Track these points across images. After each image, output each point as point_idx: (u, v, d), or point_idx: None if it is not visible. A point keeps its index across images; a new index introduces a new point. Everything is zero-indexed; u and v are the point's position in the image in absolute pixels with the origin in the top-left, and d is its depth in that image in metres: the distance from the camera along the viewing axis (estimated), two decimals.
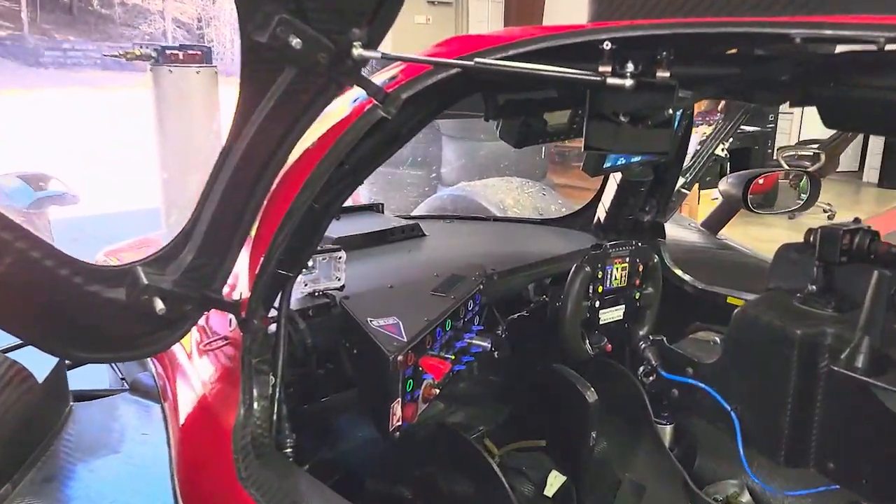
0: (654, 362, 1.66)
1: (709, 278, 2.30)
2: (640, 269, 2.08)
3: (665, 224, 2.35)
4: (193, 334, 1.68)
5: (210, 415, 1.47)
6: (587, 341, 2.01)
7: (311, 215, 1.33)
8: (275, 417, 1.38)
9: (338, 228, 2.17)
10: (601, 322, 2.05)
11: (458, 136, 5.99)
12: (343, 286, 1.68)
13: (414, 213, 2.73)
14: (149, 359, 1.86)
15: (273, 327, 1.41)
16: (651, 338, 1.66)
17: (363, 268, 1.97)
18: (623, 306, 2.08)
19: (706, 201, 7.26)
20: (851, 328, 1.29)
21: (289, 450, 1.41)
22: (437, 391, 1.62)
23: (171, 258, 1.31)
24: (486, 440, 2.12)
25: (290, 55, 1.10)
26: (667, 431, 2.21)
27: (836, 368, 1.26)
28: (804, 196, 2.56)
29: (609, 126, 1.28)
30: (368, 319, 1.55)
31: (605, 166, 1.76)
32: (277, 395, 1.41)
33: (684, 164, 2.24)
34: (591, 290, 1.98)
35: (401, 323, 1.55)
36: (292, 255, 1.40)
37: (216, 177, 1.27)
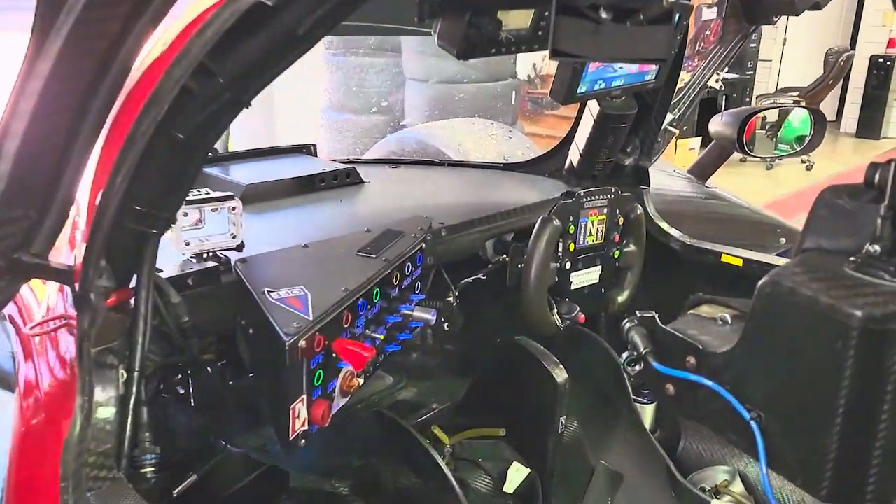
0: (642, 348, 1.25)
1: (698, 234, 1.96)
2: (620, 223, 1.72)
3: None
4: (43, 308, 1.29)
5: (46, 422, 1.09)
6: (556, 310, 1.65)
7: (169, 145, 0.95)
8: (129, 428, 1.01)
9: (252, 173, 1.78)
10: (573, 287, 1.69)
11: (422, 77, 5.53)
12: (241, 245, 1.29)
13: (354, 158, 2.32)
14: (12, 334, 1.47)
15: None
16: (638, 314, 1.27)
17: (277, 222, 1.59)
18: (599, 268, 1.72)
19: (683, 150, 6.95)
20: None
21: (149, 469, 1.04)
22: (361, 381, 1.26)
23: None
24: (434, 428, 1.77)
25: None
26: (647, 412, 1.92)
27: None
28: (807, 135, 2.20)
29: (586, 25, 0.91)
30: (266, 290, 1.17)
31: (578, 91, 1.37)
32: (134, 395, 1.04)
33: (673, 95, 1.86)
34: (560, 248, 1.62)
35: (309, 294, 1.17)
36: (152, 204, 1.02)
37: (21, 91, 0.87)
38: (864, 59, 9.64)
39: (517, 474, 1.75)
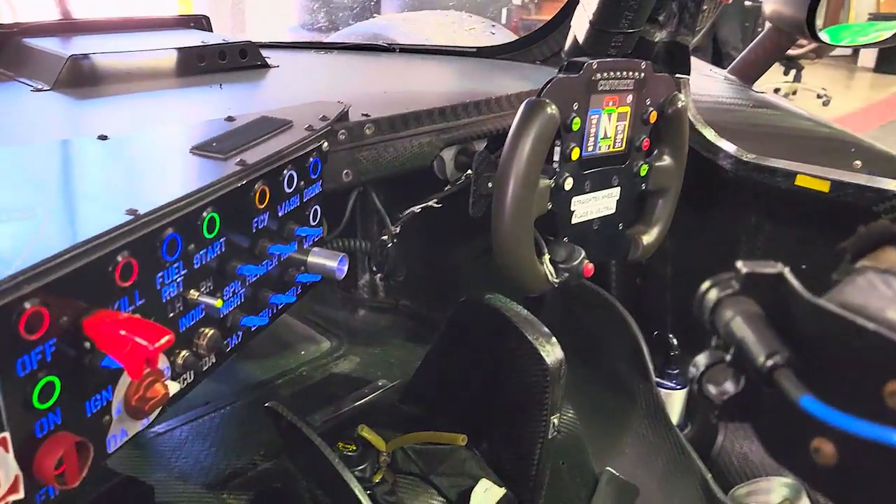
0: (762, 355, 0.40)
1: (751, 150, 1.37)
2: (652, 120, 1.10)
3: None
4: None
5: None
6: (547, 255, 1.05)
7: None
8: None
9: (98, 45, 1.17)
10: (576, 220, 1.08)
11: None
12: None
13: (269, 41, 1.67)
14: None
15: None
16: (744, 270, 0.52)
17: (98, 110, 0.99)
18: (617, 189, 1.11)
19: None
20: None
21: None
22: (178, 386, 0.66)
23: None
24: (362, 430, 1.19)
25: None
26: (675, 399, 1.39)
27: None
28: None
29: None
30: None
31: None
32: None
33: None
34: (558, 155, 1.01)
35: (44, 228, 0.56)
36: None
37: None
38: None
39: (486, 496, 1.18)
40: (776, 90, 6.96)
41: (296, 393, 1.48)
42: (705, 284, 0.45)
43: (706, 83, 1.80)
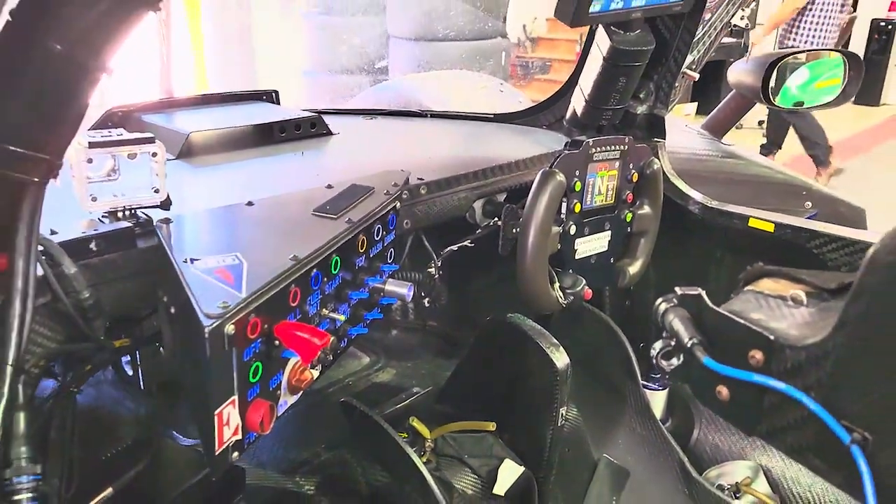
0: (686, 338, 0.87)
1: (715, 196, 1.71)
2: (635, 179, 1.45)
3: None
4: None
5: None
6: (557, 284, 1.39)
7: (50, 63, 0.67)
8: None
9: (203, 120, 1.50)
10: (578, 256, 1.42)
11: (407, 36, 5.21)
12: (168, 202, 1.02)
13: (324, 108, 2.02)
14: None
15: None
16: (679, 291, 0.93)
17: (221, 177, 1.32)
18: (609, 233, 1.45)
19: (678, 115, 6.66)
20: None
21: (24, 497, 0.78)
22: (315, 374, 0.99)
23: None
24: (413, 420, 1.52)
25: None
26: (658, 399, 1.69)
27: None
28: (841, 84, 1.93)
29: None
30: (189, 258, 0.90)
31: (591, 11, 1.10)
32: (6, 396, 0.77)
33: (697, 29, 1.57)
34: (564, 209, 1.35)
35: (245, 265, 0.89)
36: (27, 143, 0.75)
37: None
38: (865, 21, 9.33)
39: (509, 473, 1.50)
40: (760, 122, 7.36)
41: (346, 398, 1.80)
42: (658, 301, 0.80)
43: (684, 138, 2.15)
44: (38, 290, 0.82)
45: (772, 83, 1.94)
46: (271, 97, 1.81)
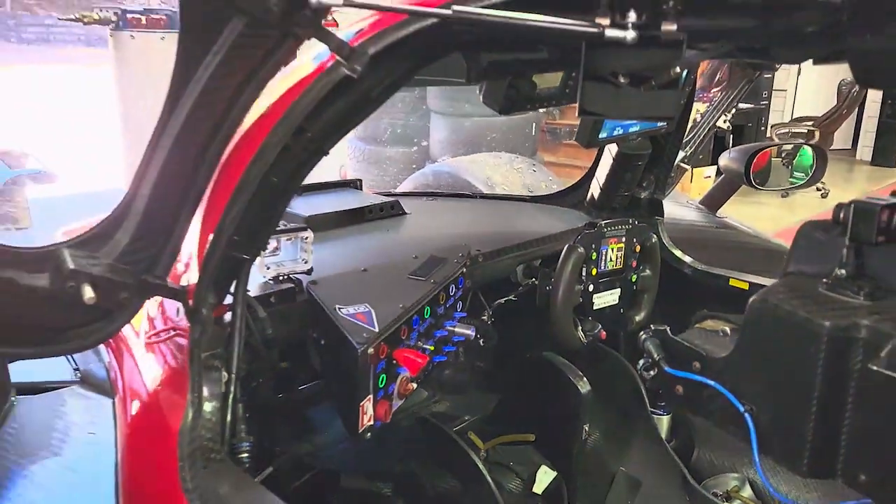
0: (655, 356, 1.46)
1: (709, 260, 2.16)
2: (637, 250, 1.93)
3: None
4: (147, 322, 1.51)
5: (157, 416, 1.31)
6: (580, 328, 1.86)
7: (268, 190, 1.16)
8: (228, 420, 1.22)
9: (309, 206, 2.00)
10: (595, 307, 1.90)
11: (446, 111, 5.80)
12: (311, 269, 1.51)
13: (395, 191, 2.55)
14: (102, 347, 1.69)
15: (229, 316, 1.24)
16: (653, 328, 1.50)
17: (335, 249, 1.81)
18: (619, 290, 1.93)
19: (699, 179, 7.14)
20: (889, 319, 1.13)
21: (244, 455, 1.25)
22: (414, 386, 1.47)
23: (104, 239, 1.14)
24: (470, 434, 1.97)
25: (237, 3, 0.93)
26: (663, 422, 2.09)
27: (873, 367, 1.10)
28: (809, 171, 2.40)
29: (607, 88, 1.11)
30: (337, 307, 1.39)
31: (600, 136, 1.60)
32: (232, 393, 1.25)
33: (683, 137, 2.07)
34: (584, 273, 1.83)
35: (373, 311, 1.38)
36: (248, 236, 1.23)
37: (155, 145, 1.10)
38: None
39: (545, 476, 1.94)
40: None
41: (421, 415, 2.25)
42: (640, 334, 1.27)
43: (683, 211, 2.63)
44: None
45: (755, 169, 2.42)
46: (356, 185, 2.33)
